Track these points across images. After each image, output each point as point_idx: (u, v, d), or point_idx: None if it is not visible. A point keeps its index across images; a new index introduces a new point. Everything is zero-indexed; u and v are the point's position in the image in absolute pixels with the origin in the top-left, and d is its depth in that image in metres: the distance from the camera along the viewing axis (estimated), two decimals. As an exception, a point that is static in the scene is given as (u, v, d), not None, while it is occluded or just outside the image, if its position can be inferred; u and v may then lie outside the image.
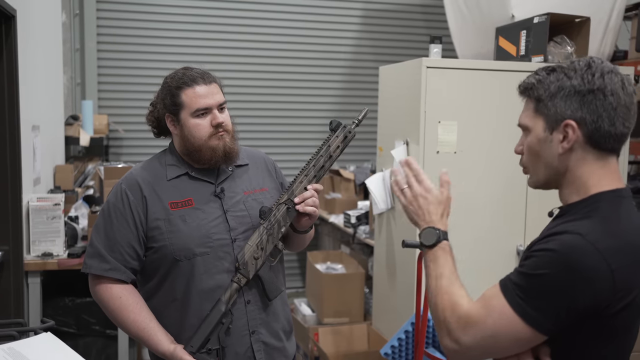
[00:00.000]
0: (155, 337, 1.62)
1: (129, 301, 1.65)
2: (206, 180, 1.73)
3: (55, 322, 2.96)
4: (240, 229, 1.71)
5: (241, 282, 1.66)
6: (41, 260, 2.98)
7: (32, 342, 1.29)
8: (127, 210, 1.67)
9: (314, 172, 1.74)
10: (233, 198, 1.74)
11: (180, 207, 1.68)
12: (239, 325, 1.68)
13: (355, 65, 5.67)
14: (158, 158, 1.81)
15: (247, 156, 1.86)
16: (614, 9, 3.72)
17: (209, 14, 5.30)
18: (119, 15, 5.14)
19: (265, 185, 1.82)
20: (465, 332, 1.19)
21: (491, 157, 3.03)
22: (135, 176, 1.73)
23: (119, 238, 1.66)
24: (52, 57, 3.84)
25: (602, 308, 1.13)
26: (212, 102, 1.68)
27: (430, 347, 2.80)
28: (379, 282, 3.46)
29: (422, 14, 5.76)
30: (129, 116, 5.21)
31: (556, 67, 1.24)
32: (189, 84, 1.67)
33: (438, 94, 2.93)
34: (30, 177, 3.09)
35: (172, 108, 1.70)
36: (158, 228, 1.66)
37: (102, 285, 1.67)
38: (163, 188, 1.70)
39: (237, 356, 1.68)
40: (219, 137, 1.68)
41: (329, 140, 1.76)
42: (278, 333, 1.78)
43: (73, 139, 4.26)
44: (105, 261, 1.65)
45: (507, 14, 3.51)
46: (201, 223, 1.67)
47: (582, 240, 1.12)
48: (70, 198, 3.49)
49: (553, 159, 1.23)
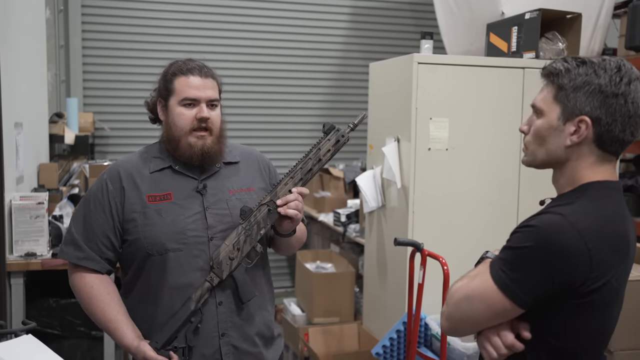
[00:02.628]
0: (121, 329, 1.60)
1: (100, 291, 1.63)
2: (189, 175, 1.69)
3: (39, 324, 2.90)
4: (219, 228, 1.66)
5: (214, 281, 1.62)
6: (24, 261, 2.91)
7: (12, 344, 1.24)
8: (106, 200, 1.65)
9: (300, 174, 1.68)
10: (216, 195, 1.69)
11: (157, 201, 1.64)
12: (208, 327, 1.64)
13: (345, 63, 5.64)
14: (146, 150, 1.77)
15: (240, 154, 1.81)
16: (602, 6, 3.72)
17: (197, 10, 5.24)
18: (104, 11, 5.07)
19: (253, 186, 1.77)
20: (452, 296, 1.29)
21: (483, 154, 3.01)
22: (118, 167, 1.70)
23: (95, 228, 1.64)
24: (36, 54, 3.77)
25: (577, 285, 1.18)
26: (202, 95, 1.65)
27: (422, 346, 2.77)
28: (369, 281, 3.43)
29: (411, 11, 5.75)
30: (115, 114, 5.15)
31: (587, 60, 1.25)
32: (184, 72, 1.66)
33: (429, 91, 2.90)
34: (13, 176, 3.02)
35: (163, 93, 1.69)
36: (133, 220, 1.63)
37: (77, 274, 1.65)
38: (144, 180, 1.67)
39: (204, 357, 1.64)
40: (199, 136, 1.65)
41: (319, 143, 1.71)
42: (252, 338, 1.71)
43: (58, 137, 4.19)
44: (80, 250, 1.64)
45: (497, 11, 3.49)
46: (177, 218, 1.63)
47: (562, 220, 1.18)
48: (55, 197, 3.42)
49: (558, 148, 1.26)
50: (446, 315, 1.31)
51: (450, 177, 2.97)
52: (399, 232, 2.98)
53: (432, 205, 2.95)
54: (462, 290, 1.27)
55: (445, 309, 1.31)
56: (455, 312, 1.28)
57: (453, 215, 2.99)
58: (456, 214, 2.99)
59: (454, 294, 1.29)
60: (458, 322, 1.29)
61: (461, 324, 1.30)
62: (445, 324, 1.32)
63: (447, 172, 2.96)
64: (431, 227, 2.94)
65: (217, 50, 5.28)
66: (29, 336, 1.30)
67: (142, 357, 1.55)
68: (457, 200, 2.99)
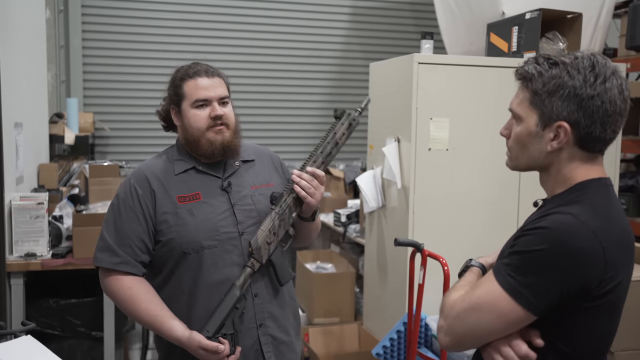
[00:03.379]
0: (168, 323, 1.63)
1: (140, 290, 1.66)
2: (213, 174, 1.75)
3: (40, 324, 2.91)
4: (248, 223, 1.73)
5: (254, 266, 1.67)
6: (24, 261, 2.91)
7: (12, 345, 1.24)
8: (137, 205, 1.69)
9: (321, 158, 1.75)
10: (240, 192, 1.76)
11: (188, 201, 1.70)
12: (246, 318, 1.70)
13: (345, 63, 5.64)
14: (165, 153, 1.83)
15: (254, 152, 1.88)
16: (603, 6, 3.72)
17: (197, 10, 5.24)
18: (104, 11, 5.07)
19: (272, 181, 1.84)
20: (451, 308, 1.20)
21: (483, 154, 3.00)
22: (143, 171, 1.76)
23: (128, 232, 1.68)
24: (36, 54, 3.77)
25: (593, 287, 1.13)
26: (212, 95, 1.71)
27: (422, 347, 2.77)
28: (370, 282, 3.42)
29: (411, 11, 5.74)
30: (115, 114, 5.15)
31: (559, 61, 1.20)
32: (191, 75, 1.73)
33: (430, 91, 2.90)
34: (13, 176, 3.02)
35: (175, 99, 1.75)
36: (166, 222, 1.68)
37: (113, 277, 1.68)
38: (171, 182, 1.72)
39: (245, 349, 1.69)
40: (217, 131, 1.70)
41: (334, 127, 1.78)
42: (286, 328, 1.78)
43: (58, 137, 4.19)
44: (116, 255, 1.67)
45: (498, 10, 3.49)
46: (209, 216, 1.69)
47: (574, 219, 1.13)
48: (55, 197, 3.41)
49: (540, 154, 1.24)
50: (446, 330, 1.21)
51: (450, 178, 2.96)
52: (400, 233, 2.97)
53: (433, 205, 2.94)
54: (464, 302, 1.19)
55: (444, 323, 1.21)
56: (457, 325, 1.19)
57: (453, 216, 2.98)
58: (457, 214, 2.99)
59: (454, 306, 1.20)
60: (462, 335, 1.20)
61: (466, 338, 1.20)
62: (446, 339, 1.22)
63: (448, 172, 2.96)
64: (431, 227, 2.94)
65: (217, 50, 5.28)
66: (29, 337, 1.30)
67: (197, 346, 1.57)
68: (458, 201, 2.98)
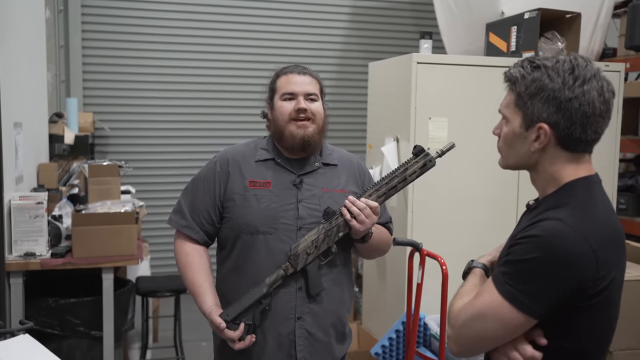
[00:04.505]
0: (203, 295, 1.76)
1: (194, 260, 1.81)
2: (289, 169, 1.82)
3: (39, 324, 2.91)
4: (309, 220, 1.77)
5: (288, 270, 1.72)
6: (23, 260, 2.91)
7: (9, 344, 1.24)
8: (212, 180, 1.83)
9: (385, 189, 1.76)
10: (310, 191, 1.80)
11: (257, 187, 1.79)
12: (286, 308, 1.75)
13: (345, 63, 5.64)
14: (257, 141, 1.92)
15: (339, 158, 1.92)
16: (602, 6, 3.72)
17: (197, 10, 5.24)
18: (103, 11, 5.07)
19: (347, 188, 1.86)
20: (457, 318, 1.25)
21: (482, 153, 3.01)
22: (228, 153, 1.88)
23: (199, 202, 1.83)
24: (36, 54, 3.77)
25: (588, 287, 1.18)
26: (299, 89, 1.80)
27: (421, 346, 2.77)
28: (369, 281, 3.42)
29: (411, 11, 5.74)
30: (115, 114, 5.15)
31: (541, 64, 1.24)
32: (285, 72, 1.85)
33: (428, 90, 2.90)
34: (12, 175, 3.02)
35: (269, 94, 1.87)
36: (233, 200, 1.79)
37: (180, 240, 1.86)
38: (248, 167, 1.83)
39: (279, 336, 1.75)
40: (300, 125, 1.77)
41: (408, 163, 1.79)
42: (326, 327, 1.81)
43: (57, 137, 4.18)
44: (184, 218, 1.84)
45: (497, 10, 3.49)
46: (271, 205, 1.77)
47: (562, 225, 1.17)
48: (54, 197, 3.41)
49: (525, 153, 1.28)
50: (454, 339, 1.27)
51: (449, 177, 2.97)
52: (399, 232, 2.98)
53: (432, 205, 2.95)
54: (469, 311, 1.24)
55: (452, 332, 1.27)
56: (465, 333, 1.25)
57: (452, 215, 2.99)
58: (455, 213, 2.99)
59: (459, 315, 1.25)
60: (470, 343, 1.26)
61: (474, 345, 1.26)
62: (455, 347, 1.28)
63: (446, 172, 2.96)
64: (430, 227, 2.94)
65: (217, 50, 5.28)
66: (26, 336, 1.30)
67: (211, 320, 1.71)
68: (457, 200, 2.99)
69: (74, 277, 3.32)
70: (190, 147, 5.19)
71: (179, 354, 3.65)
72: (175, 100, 5.25)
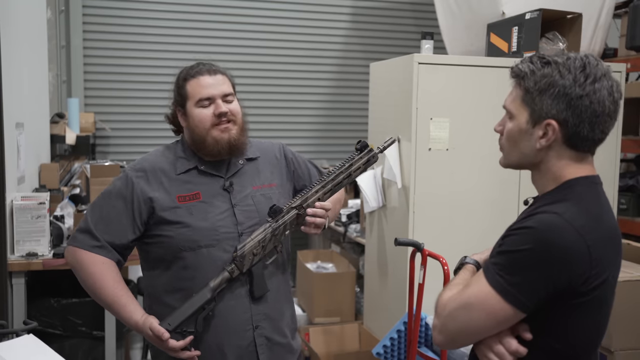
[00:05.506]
0: (129, 305, 1.64)
1: (111, 269, 1.67)
2: (215, 174, 1.75)
3: (41, 324, 2.92)
4: (248, 224, 1.72)
5: (234, 272, 1.66)
6: (25, 261, 2.92)
7: (13, 344, 1.25)
8: (129, 196, 1.68)
9: (331, 185, 1.75)
10: (241, 192, 1.75)
11: (187, 201, 1.69)
12: (242, 320, 1.70)
13: (346, 63, 5.64)
14: (169, 149, 1.82)
15: (259, 149, 1.86)
16: (603, 6, 3.72)
17: (197, 10, 5.24)
18: (105, 12, 5.07)
19: (273, 181, 1.83)
20: (444, 307, 1.24)
21: (483, 154, 3.01)
22: (144, 166, 1.74)
23: (113, 220, 1.68)
24: (37, 54, 3.78)
25: (579, 284, 1.16)
26: (215, 92, 1.70)
27: (422, 346, 2.78)
28: (370, 281, 3.43)
29: (412, 11, 5.74)
30: (116, 114, 5.15)
31: (552, 60, 1.23)
32: (193, 75, 1.72)
33: (430, 91, 2.90)
34: (14, 176, 3.03)
35: (179, 100, 1.75)
36: (163, 219, 1.68)
37: (85, 253, 1.68)
38: (171, 181, 1.72)
39: (240, 349, 1.70)
40: (223, 129, 1.69)
41: (352, 159, 1.79)
42: (282, 329, 1.79)
43: (59, 137, 4.19)
44: (95, 239, 1.67)
45: (498, 11, 3.49)
46: (208, 216, 1.69)
47: (558, 219, 1.16)
48: (56, 197, 3.42)
49: (530, 151, 1.26)
50: (439, 328, 1.25)
51: (450, 177, 2.97)
52: (400, 232, 2.98)
53: (433, 205, 2.95)
54: (456, 301, 1.22)
55: (437, 322, 1.25)
56: (450, 323, 1.23)
57: (454, 215, 2.99)
58: (457, 214, 2.99)
59: (447, 305, 1.23)
60: (455, 334, 1.23)
61: (459, 336, 1.24)
62: (440, 337, 1.25)
63: (448, 172, 2.96)
64: (432, 227, 2.94)
65: (217, 50, 5.28)
66: (30, 336, 1.31)
67: (148, 327, 1.59)
68: (458, 200, 2.99)
69: (75, 277, 3.32)
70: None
71: (180, 354, 3.66)
72: (176, 100, 5.25)
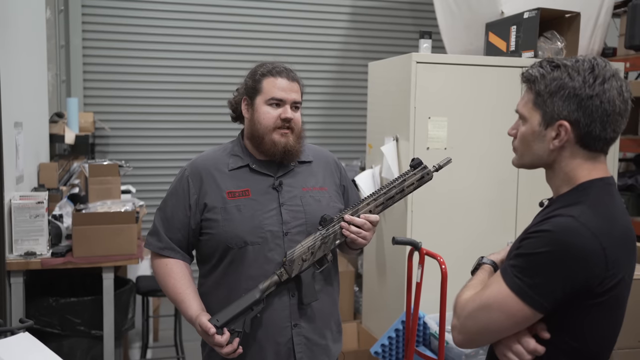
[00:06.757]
0: (187, 301, 1.72)
1: (174, 269, 1.77)
2: (266, 173, 1.78)
3: (39, 323, 2.92)
4: (294, 224, 1.74)
5: (282, 277, 1.69)
6: (24, 260, 2.92)
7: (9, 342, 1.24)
8: (186, 196, 1.76)
9: (383, 199, 1.76)
10: (290, 192, 1.77)
11: (237, 197, 1.73)
12: (281, 316, 1.72)
13: (344, 62, 5.64)
14: (225, 147, 1.86)
15: (313, 154, 1.89)
16: (602, 5, 3.72)
17: (197, 10, 5.25)
18: (104, 11, 5.07)
19: (325, 185, 1.85)
20: (463, 308, 1.27)
21: (482, 153, 3.01)
22: (198, 164, 1.80)
23: (175, 221, 1.77)
24: (36, 54, 3.78)
25: (595, 285, 1.19)
26: (288, 97, 1.74)
27: (420, 345, 2.78)
28: (368, 280, 3.43)
29: (410, 10, 5.75)
30: (115, 114, 5.16)
31: (561, 63, 1.26)
32: (273, 74, 1.75)
33: (428, 90, 2.90)
34: (13, 175, 3.03)
35: (250, 91, 1.78)
36: (214, 215, 1.73)
37: (157, 257, 1.80)
38: (223, 177, 1.76)
39: (278, 346, 1.72)
40: (283, 134, 1.73)
41: (406, 174, 1.80)
42: (322, 331, 1.79)
43: (58, 136, 4.19)
44: (161, 240, 1.78)
45: (497, 10, 3.49)
46: (255, 214, 1.72)
47: (574, 222, 1.19)
48: (55, 197, 3.42)
49: (543, 152, 1.29)
50: (459, 329, 1.28)
51: (449, 177, 2.97)
52: (398, 232, 2.98)
53: (431, 204, 2.95)
54: (475, 302, 1.25)
55: (457, 322, 1.28)
56: (470, 324, 1.26)
57: (452, 215, 2.99)
58: (455, 213, 2.99)
59: (466, 306, 1.27)
60: (475, 334, 1.27)
61: (478, 336, 1.27)
62: (459, 337, 1.29)
63: (446, 171, 2.95)
64: (430, 226, 2.94)
65: (218, 50, 5.29)
66: (26, 334, 1.31)
67: (198, 322, 1.66)
68: (456, 200, 2.99)
69: (74, 276, 3.32)
70: (190, 147, 5.19)
71: (179, 353, 3.66)
72: (175, 100, 5.26)
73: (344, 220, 1.71)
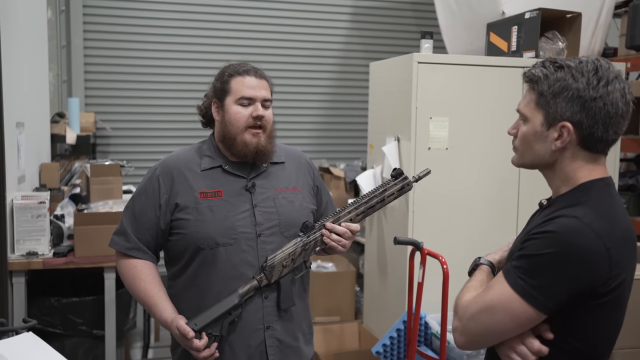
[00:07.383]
0: (160, 305, 1.69)
1: (143, 271, 1.73)
2: (239, 174, 1.77)
3: (41, 323, 2.92)
4: (267, 225, 1.73)
5: (262, 282, 1.69)
6: (26, 260, 2.92)
7: (13, 342, 1.25)
8: (156, 195, 1.74)
9: (364, 208, 1.77)
10: (263, 194, 1.77)
11: (209, 197, 1.72)
12: (253, 319, 1.71)
13: (346, 62, 5.65)
14: (196, 147, 1.85)
15: (285, 154, 1.88)
16: (603, 6, 3.72)
17: (198, 10, 5.25)
18: (105, 11, 5.08)
19: (298, 185, 1.85)
20: (466, 310, 1.26)
21: (483, 153, 3.01)
22: (169, 163, 1.80)
23: (144, 220, 1.74)
24: (38, 54, 3.78)
25: (599, 285, 1.19)
26: (258, 95, 1.73)
27: (422, 345, 2.78)
28: (370, 280, 3.43)
29: (412, 10, 5.75)
30: (116, 114, 5.16)
31: (564, 64, 1.26)
32: (241, 73, 1.75)
33: (429, 90, 2.91)
34: (15, 175, 3.03)
35: (219, 93, 1.77)
36: (186, 215, 1.71)
37: (123, 257, 1.77)
38: (195, 177, 1.75)
39: (249, 349, 1.71)
40: (254, 134, 1.72)
41: (387, 184, 1.81)
42: (295, 333, 1.79)
43: (59, 136, 4.20)
44: (129, 240, 1.75)
45: (498, 10, 3.49)
46: (228, 215, 1.71)
47: (578, 222, 1.18)
48: (56, 196, 3.42)
49: (545, 152, 1.29)
50: (461, 330, 1.27)
51: (450, 177, 2.97)
52: (399, 232, 2.98)
53: (432, 204, 2.95)
54: (478, 303, 1.24)
55: (459, 324, 1.28)
56: (473, 325, 1.25)
57: (453, 215, 2.99)
58: (456, 213, 3.00)
59: (468, 308, 1.26)
60: (478, 335, 1.26)
61: (481, 338, 1.27)
62: (462, 339, 1.28)
63: (447, 172, 2.97)
64: (431, 226, 2.95)
65: (218, 50, 5.29)
66: (30, 334, 1.31)
67: (175, 325, 1.63)
68: (457, 200, 2.99)
69: (76, 276, 3.33)
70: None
71: (180, 353, 3.66)
72: (176, 100, 5.27)
73: (326, 227, 1.72)
